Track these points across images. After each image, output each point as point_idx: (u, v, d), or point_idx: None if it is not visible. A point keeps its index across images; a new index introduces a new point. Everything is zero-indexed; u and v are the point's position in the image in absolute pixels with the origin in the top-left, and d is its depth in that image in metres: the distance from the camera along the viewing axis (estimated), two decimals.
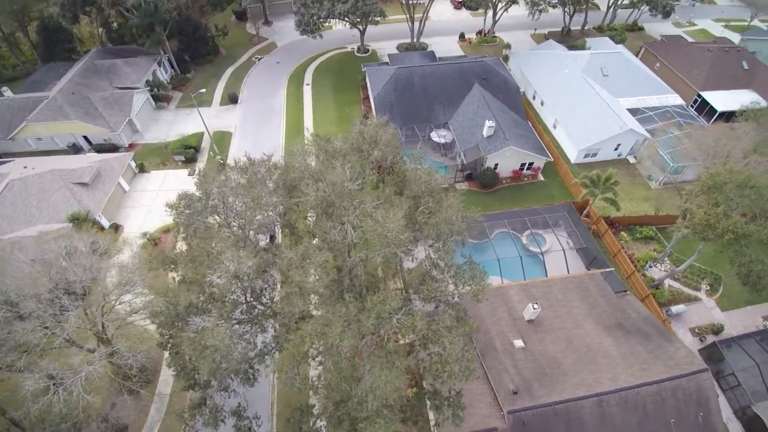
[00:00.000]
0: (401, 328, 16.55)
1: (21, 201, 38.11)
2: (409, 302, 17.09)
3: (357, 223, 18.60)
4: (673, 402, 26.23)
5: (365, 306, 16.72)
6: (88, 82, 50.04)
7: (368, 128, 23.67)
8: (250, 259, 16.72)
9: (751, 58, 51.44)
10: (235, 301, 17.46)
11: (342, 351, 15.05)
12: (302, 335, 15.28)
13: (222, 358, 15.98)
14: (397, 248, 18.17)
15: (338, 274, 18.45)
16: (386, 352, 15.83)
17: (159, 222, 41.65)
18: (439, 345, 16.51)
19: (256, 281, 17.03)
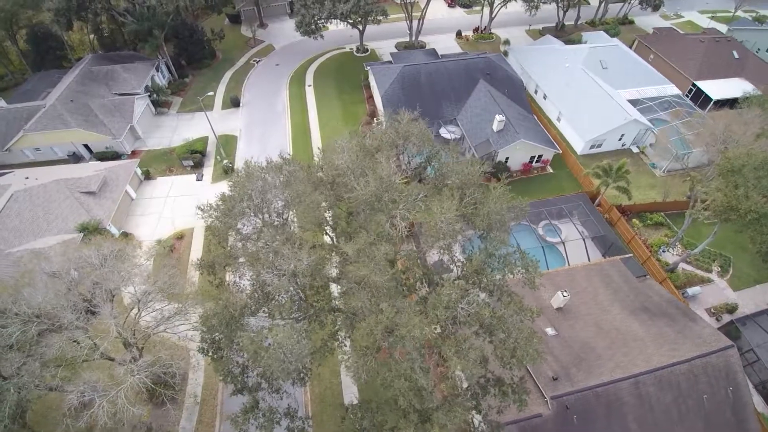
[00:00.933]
0: (467, 317, 16.64)
1: (27, 212, 36.88)
2: (467, 292, 17.16)
3: (407, 216, 18.64)
4: (704, 378, 26.96)
5: (429, 298, 16.77)
6: (87, 89, 48.76)
7: (401, 124, 23.63)
8: (308, 256, 16.56)
9: (741, 48, 53.39)
10: (291, 298, 17.24)
11: (416, 342, 15.04)
12: (370, 327, 15.21)
13: (287, 356, 15.77)
14: (451, 238, 18.26)
15: (391, 267, 18.42)
16: (456, 341, 15.87)
17: (171, 229, 40.86)
18: (504, 331, 16.64)
19: (315, 278, 16.87)
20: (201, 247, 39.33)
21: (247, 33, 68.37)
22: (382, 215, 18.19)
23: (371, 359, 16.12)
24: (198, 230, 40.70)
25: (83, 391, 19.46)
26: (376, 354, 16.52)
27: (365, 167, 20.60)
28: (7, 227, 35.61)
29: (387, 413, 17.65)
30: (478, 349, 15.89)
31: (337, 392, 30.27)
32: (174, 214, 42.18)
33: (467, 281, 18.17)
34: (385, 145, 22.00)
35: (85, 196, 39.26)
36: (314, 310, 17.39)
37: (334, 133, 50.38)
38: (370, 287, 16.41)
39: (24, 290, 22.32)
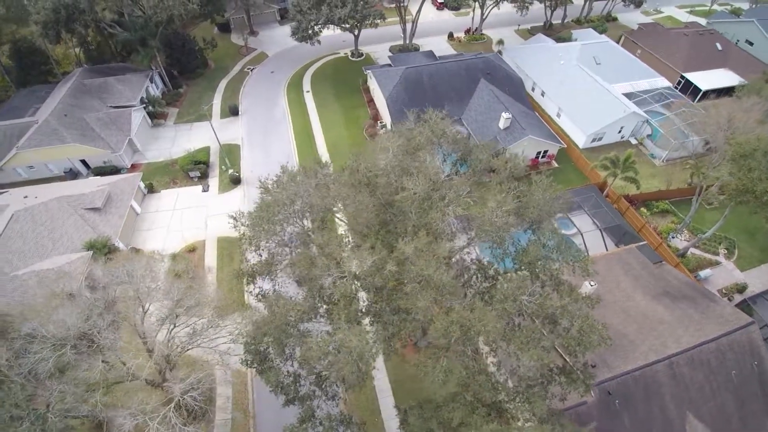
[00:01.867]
0: (533, 309, 16.74)
1: (30, 233, 35.26)
2: (528, 284, 17.28)
3: (458, 212, 18.66)
4: (731, 355, 27.87)
5: (493, 292, 16.80)
6: (80, 102, 47.17)
7: (435, 123, 23.72)
8: (371, 257, 16.34)
9: (723, 40, 55.91)
10: (350, 300, 16.94)
11: (490, 336, 15.02)
12: (446, 324, 15.10)
13: (359, 358, 15.51)
14: (505, 232, 18.37)
15: (446, 265, 18.38)
16: (524, 332, 15.92)
17: (181, 242, 39.76)
18: (568, 320, 16.80)
19: (375, 279, 16.65)
20: (215, 259, 38.38)
21: (238, 41, 67.56)
22: (436, 212, 18.15)
23: (442, 359, 16.01)
24: (210, 242, 39.76)
25: (134, 414, 18.58)
26: (446, 353, 16.42)
27: (409, 166, 20.54)
28: (11, 249, 33.94)
29: (453, 410, 17.53)
30: (548, 338, 15.98)
31: (372, 397, 29.95)
32: (183, 226, 41.07)
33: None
34: (424, 143, 21.97)
35: (89, 213, 37.86)
36: (375, 310, 17.15)
37: (338, 138, 50.26)
38: (433, 286, 16.31)
39: (56, 312, 21.17)
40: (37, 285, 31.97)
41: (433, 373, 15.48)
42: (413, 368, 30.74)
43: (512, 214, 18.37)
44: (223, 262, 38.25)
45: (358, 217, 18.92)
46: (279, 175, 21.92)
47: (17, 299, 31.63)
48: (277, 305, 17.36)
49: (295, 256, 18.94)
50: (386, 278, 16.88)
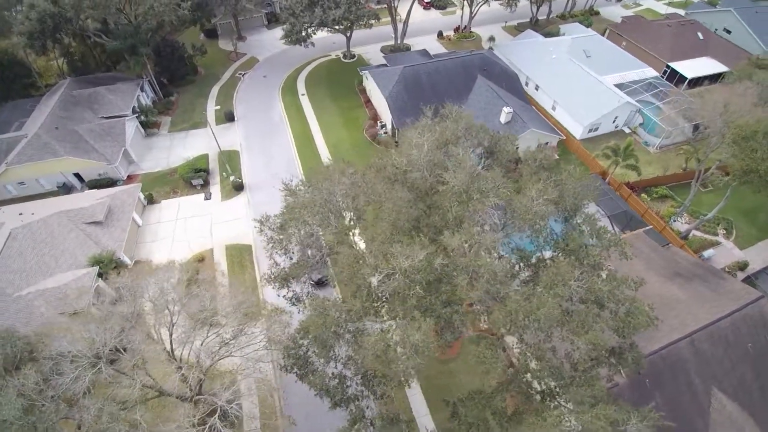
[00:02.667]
0: (578, 293, 16.93)
1: (30, 250, 33.77)
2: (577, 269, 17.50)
3: (497, 201, 18.78)
4: (745, 329, 28.84)
5: (543, 279, 16.96)
6: (71, 114, 45.54)
7: (458, 116, 23.82)
8: (422, 251, 16.23)
9: (704, 29, 58.11)
10: (404, 296, 16.77)
11: (550, 322, 15.13)
12: (505, 313, 15.13)
13: (419, 352, 15.39)
14: (544, 220, 18.56)
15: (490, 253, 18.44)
16: (578, 316, 16.09)
17: (188, 252, 38.75)
18: (616, 302, 17.08)
19: (427, 273, 16.52)
20: (225, 267, 37.50)
21: (226, 47, 66.53)
22: (477, 203, 18.19)
23: (497, 349, 16.02)
24: (218, 250, 38.89)
25: (182, 427, 17.89)
26: (498, 342, 16.42)
27: (441, 160, 20.56)
28: (11, 269, 32.42)
29: (504, 400, 17.55)
30: (601, 321, 16.19)
31: (400, 395, 29.74)
32: (188, 236, 40.05)
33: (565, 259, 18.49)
34: (452, 138, 22.01)
35: (91, 227, 36.56)
36: (426, 305, 17.01)
37: (338, 140, 49.95)
38: (485, 276, 16.32)
39: (85, 328, 20.26)
40: (44, 304, 30.83)
41: (494, 361, 15.46)
42: (440, 364, 30.68)
43: (552, 202, 18.57)
44: (234, 270, 37.44)
45: (398, 213, 18.76)
46: (301, 180, 21.55)
47: (23, 320, 30.23)
48: (326, 306, 17.02)
49: (339, 256, 18.62)
50: (437, 272, 16.79)
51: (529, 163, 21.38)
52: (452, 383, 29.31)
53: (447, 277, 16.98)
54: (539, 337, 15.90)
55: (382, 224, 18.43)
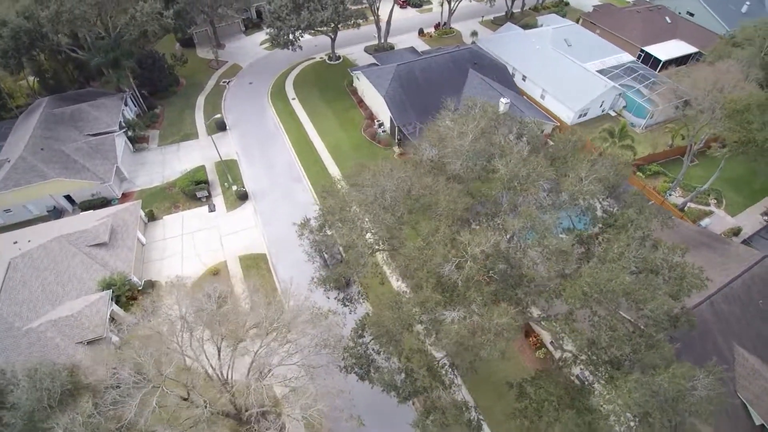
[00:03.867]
0: (636, 263, 17.72)
1: (34, 280, 31.76)
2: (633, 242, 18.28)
3: (545, 185, 19.30)
4: (755, 287, 30.85)
5: (608, 252, 17.64)
6: (55, 134, 43.06)
7: (487, 105, 24.29)
8: (493, 237, 16.48)
9: (671, 13, 61.57)
10: (479, 282, 16.97)
11: (618, 296, 15.76)
12: (578, 288, 15.67)
13: (500, 337, 15.66)
14: (593, 197, 19.24)
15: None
16: (643, 284, 16.83)
17: (200, 267, 37.50)
18: (668, 269, 17.98)
19: (497, 259, 16.78)
20: (242, 278, 36.48)
21: (206, 55, 64.69)
22: (532, 187, 18.66)
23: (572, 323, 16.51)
24: (232, 262, 37.83)
25: None
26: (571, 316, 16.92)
27: (484, 149, 20.91)
28: (16, 301, 30.37)
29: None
30: (664, 287, 16.99)
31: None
32: (197, 251, 38.73)
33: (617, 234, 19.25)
34: (490, 126, 22.43)
35: (95, 250, 34.77)
36: (498, 289, 17.27)
37: (338, 141, 49.61)
38: (554, 254, 16.77)
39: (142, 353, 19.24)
40: (58, 335, 29.08)
41: (578, 337, 15.94)
42: None
43: (599, 181, 19.29)
44: (249, 278, 36.43)
45: (454, 202, 18.92)
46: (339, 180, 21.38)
47: (36, 353, 28.37)
48: (400, 301, 16.96)
49: (405, 249, 18.56)
50: (505, 256, 17.09)
51: (560, 146, 22.08)
52: (489, 371, 29.74)
53: (512, 259, 17.34)
54: (611, 308, 16.50)
55: (439, 215, 18.58)
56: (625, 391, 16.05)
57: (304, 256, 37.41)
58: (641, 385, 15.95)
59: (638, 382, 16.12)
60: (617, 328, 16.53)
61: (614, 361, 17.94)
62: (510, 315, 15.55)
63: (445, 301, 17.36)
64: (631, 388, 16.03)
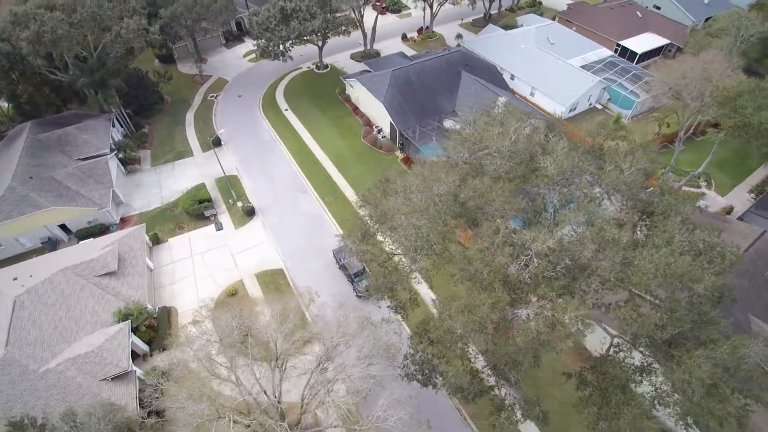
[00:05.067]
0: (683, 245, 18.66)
1: (44, 317, 29.83)
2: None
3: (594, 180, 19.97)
4: (760, 261, 32.84)
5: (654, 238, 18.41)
6: (42, 161, 40.72)
7: (510, 105, 24.82)
8: (558, 232, 16.85)
9: (640, 8, 64.93)
10: (549, 278, 17.28)
11: (677, 278, 16.62)
12: (647, 271, 16.36)
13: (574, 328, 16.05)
14: (634, 188, 20.08)
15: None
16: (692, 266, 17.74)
17: (215, 288, 36.30)
18: (709, 249, 18.97)
19: (562, 254, 17.15)
20: (260, 294, 35.54)
21: (189, 70, 62.91)
22: (581, 179, 19.22)
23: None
24: (248, 281, 36.82)
25: None
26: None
27: (523, 148, 21.36)
28: (27, 341, 28.39)
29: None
30: (713, 266, 17.97)
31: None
32: (210, 271, 37.48)
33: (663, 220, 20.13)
34: (517, 125, 22.94)
35: (105, 279, 33.08)
36: (564, 284, 17.61)
37: (338, 150, 49.25)
38: (615, 244, 17.34)
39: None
40: (79, 374, 27.39)
41: (645, 321, 16.57)
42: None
43: (641, 171, 20.11)
44: (270, 295, 35.51)
45: (507, 202, 19.20)
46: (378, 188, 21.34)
47: (57, 396, 26.71)
48: (474, 302, 17.03)
49: (469, 251, 18.62)
50: (568, 249, 17.50)
51: (596, 137, 22.89)
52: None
53: (574, 252, 17.80)
54: (671, 290, 17.28)
55: (492, 215, 18.84)
56: (694, 366, 16.80)
57: (321, 267, 37.59)
58: (707, 359, 16.73)
59: (704, 356, 16.87)
60: (677, 309, 17.27)
61: (672, 340, 18.68)
62: (587, 307, 15.96)
63: (515, 300, 17.60)
64: (698, 363, 16.80)
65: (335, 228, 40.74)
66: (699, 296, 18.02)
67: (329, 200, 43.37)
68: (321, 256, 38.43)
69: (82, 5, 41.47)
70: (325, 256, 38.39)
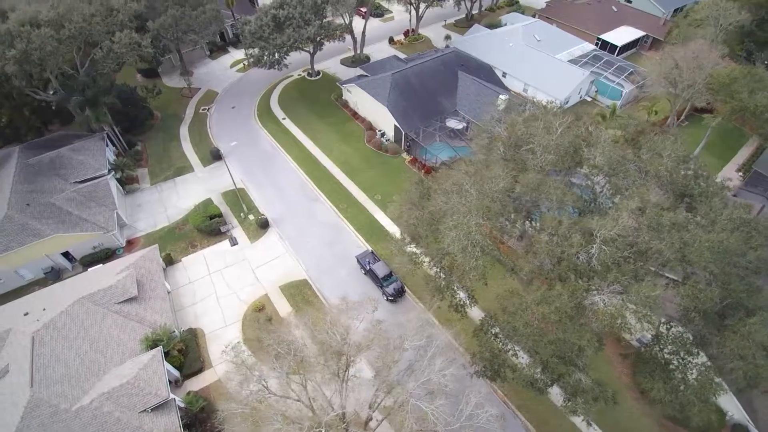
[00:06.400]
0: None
1: (68, 352, 28.04)
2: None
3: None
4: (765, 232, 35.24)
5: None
6: (37, 186, 38.31)
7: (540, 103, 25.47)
8: (626, 218, 17.45)
9: (615, 2, 68.03)
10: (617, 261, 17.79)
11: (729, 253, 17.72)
12: (702, 249, 17.23)
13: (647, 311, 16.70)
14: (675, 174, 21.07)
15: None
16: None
17: (241, 305, 35.17)
18: (745, 225, 20.21)
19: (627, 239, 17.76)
20: (288, 307, 34.69)
21: (176, 84, 60.85)
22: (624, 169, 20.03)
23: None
24: (274, 294, 35.90)
25: None
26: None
27: (573, 141, 21.96)
28: (54, 379, 26.59)
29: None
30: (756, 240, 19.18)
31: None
32: (232, 288, 36.30)
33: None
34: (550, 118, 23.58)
35: (126, 306, 31.47)
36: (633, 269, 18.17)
37: (345, 156, 48.79)
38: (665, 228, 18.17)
39: None
40: (117, 408, 25.85)
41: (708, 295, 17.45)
42: None
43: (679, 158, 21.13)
44: (299, 308, 34.78)
45: (564, 194, 19.66)
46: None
47: None
48: (551, 294, 17.30)
49: (539, 244, 18.86)
50: (632, 235, 18.11)
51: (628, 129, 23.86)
52: None
53: (629, 237, 18.53)
54: (722, 265, 18.31)
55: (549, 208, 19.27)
56: (752, 332, 17.81)
57: (345, 275, 37.12)
58: (763, 324, 17.79)
59: (760, 322, 17.90)
60: (731, 282, 18.29)
61: (724, 312, 19.69)
62: (659, 288, 16.56)
63: (588, 287, 18.01)
64: (756, 329, 17.82)
65: (354, 234, 40.37)
66: (745, 269, 19.06)
67: (343, 207, 42.91)
68: (343, 264, 37.96)
69: (69, 20, 39.48)
70: (347, 263, 37.95)
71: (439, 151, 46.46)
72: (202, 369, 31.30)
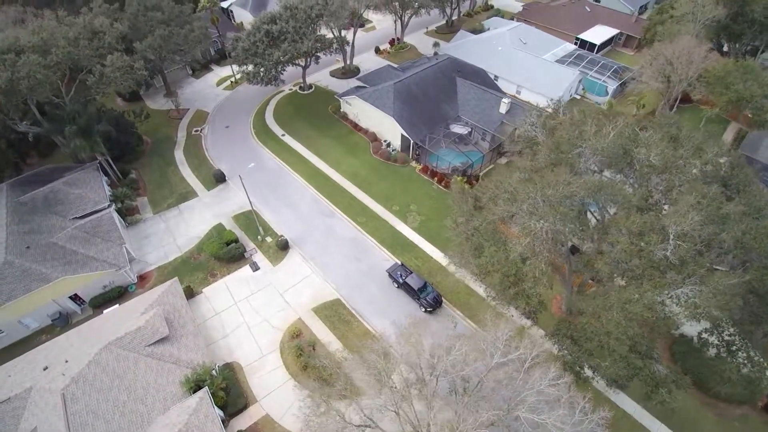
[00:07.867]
0: None
1: (104, 405, 25.72)
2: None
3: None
4: None
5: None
6: (34, 226, 35.17)
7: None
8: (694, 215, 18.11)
9: (588, 3, 71.33)
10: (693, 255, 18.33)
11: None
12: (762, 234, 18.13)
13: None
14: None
15: None
16: None
17: (275, 333, 33.63)
18: None
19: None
20: (329, 331, 33.50)
21: (162, 106, 57.98)
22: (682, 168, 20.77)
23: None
24: (309, 318, 34.57)
25: None
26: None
27: (625, 143, 22.56)
28: None
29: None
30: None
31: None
32: (263, 316, 34.67)
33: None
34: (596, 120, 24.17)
35: (158, 348, 29.30)
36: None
37: (353, 168, 48.02)
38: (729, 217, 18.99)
39: None
40: None
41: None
42: None
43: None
44: (338, 329, 33.70)
45: (629, 196, 20.10)
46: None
47: None
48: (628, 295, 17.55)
49: (618, 244, 19.09)
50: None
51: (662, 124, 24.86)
52: None
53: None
54: None
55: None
56: None
57: (377, 290, 36.33)
58: None
59: None
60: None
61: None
62: (737, 277, 17.19)
63: (656, 285, 18.43)
64: None
65: (378, 248, 39.66)
66: None
67: (362, 221, 42.13)
68: (372, 279, 37.17)
69: (55, 45, 36.77)
70: (376, 277, 37.19)
71: (450, 158, 46.62)
72: (246, 405, 29.54)
